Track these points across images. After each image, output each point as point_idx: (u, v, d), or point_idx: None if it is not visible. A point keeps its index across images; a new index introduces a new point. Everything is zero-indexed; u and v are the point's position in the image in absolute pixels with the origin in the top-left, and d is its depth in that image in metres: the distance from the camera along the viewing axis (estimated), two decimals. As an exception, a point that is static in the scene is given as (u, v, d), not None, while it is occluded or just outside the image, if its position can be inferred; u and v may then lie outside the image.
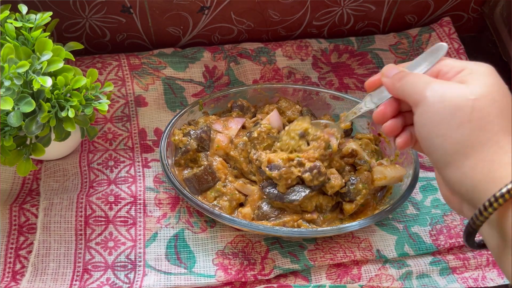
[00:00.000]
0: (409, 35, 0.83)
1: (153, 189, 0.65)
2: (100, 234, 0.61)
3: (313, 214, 0.61)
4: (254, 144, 0.64)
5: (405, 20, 0.84)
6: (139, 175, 0.66)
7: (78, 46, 0.64)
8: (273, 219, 0.61)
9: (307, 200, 0.60)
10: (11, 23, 0.59)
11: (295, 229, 0.59)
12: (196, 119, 0.69)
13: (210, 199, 0.63)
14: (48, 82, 0.55)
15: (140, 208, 0.64)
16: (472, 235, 0.39)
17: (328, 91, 0.72)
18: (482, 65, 0.42)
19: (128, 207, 0.63)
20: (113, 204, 0.63)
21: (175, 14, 0.76)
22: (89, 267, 0.59)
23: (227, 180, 0.63)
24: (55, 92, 0.57)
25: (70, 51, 0.62)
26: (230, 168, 0.65)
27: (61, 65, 0.57)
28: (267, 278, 0.60)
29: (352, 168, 0.64)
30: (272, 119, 0.66)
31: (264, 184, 0.61)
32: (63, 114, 0.57)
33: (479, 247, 0.41)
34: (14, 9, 0.62)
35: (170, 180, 0.61)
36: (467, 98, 0.39)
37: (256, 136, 0.64)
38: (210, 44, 0.82)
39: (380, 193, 0.65)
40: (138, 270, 0.59)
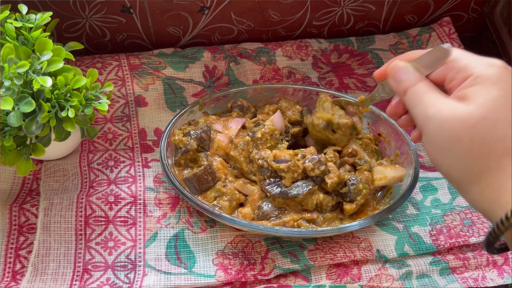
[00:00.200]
0: (409, 35, 0.83)
1: (153, 189, 0.65)
2: (100, 234, 0.61)
3: (313, 214, 0.61)
4: (257, 144, 0.64)
5: (405, 20, 0.84)
6: (139, 175, 0.66)
7: (78, 46, 0.64)
8: (273, 219, 0.61)
9: (309, 197, 0.60)
10: (11, 23, 0.59)
11: (295, 229, 0.59)
12: (196, 119, 0.69)
13: (210, 199, 0.63)
14: (48, 82, 0.55)
15: (140, 208, 0.64)
16: (491, 246, 0.40)
17: (328, 91, 0.72)
18: (490, 67, 0.40)
19: (128, 207, 0.63)
20: (113, 204, 0.63)
21: (175, 14, 0.76)
22: (89, 267, 0.59)
23: (227, 180, 0.63)
24: (55, 92, 0.57)
25: (70, 51, 0.62)
26: (230, 168, 0.65)
27: (61, 65, 0.57)
28: (267, 278, 0.60)
29: (352, 168, 0.64)
30: (276, 121, 0.66)
31: (267, 182, 0.61)
32: (63, 114, 0.57)
33: (501, 251, 0.41)
34: (14, 9, 0.62)
35: (170, 180, 0.61)
36: (465, 127, 0.38)
37: (260, 137, 0.64)
38: (210, 44, 0.82)
39: (380, 193, 0.65)
40: (138, 270, 0.59)
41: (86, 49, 0.80)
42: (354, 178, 0.61)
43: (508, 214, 0.36)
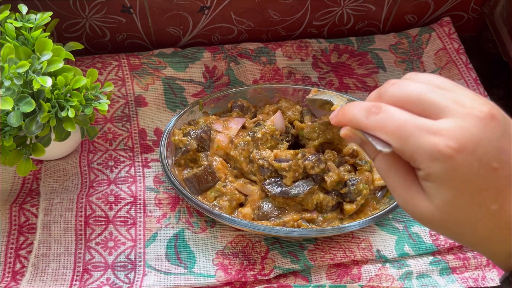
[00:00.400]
0: (409, 35, 0.83)
1: (153, 189, 0.65)
2: (100, 234, 0.61)
3: (313, 214, 0.61)
4: (257, 145, 0.64)
5: (405, 20, 0.84)
6: (139, 175, 0.66)
7: (78, 46, 0.64)
8: (273, 219, 0.61)
9: (309, 196, 0.60)
10: (11, 23, 0.59)
11: (295, 229, 0.59)
12: (196, 119, 0.69)
13: (210, 199, 0.63)
14: (48, 82, 0.55)
15: (140, 208, 0.64)
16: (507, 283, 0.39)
17: (328, 91, 0.71)
18: (435, 163, 0.35)
19: (128, 207, 0.63)
20: (113, 204, 0.63)
21: (175, 14, 0.76)
22: (89, 267, 0.59)
23: (227, 180, 0.63)
24: (55, 92, 0.57)
25: (70, 51, 0.62)
26: (230, 168, 0.65)
27: (61, 65, 0.57)
28: (267, 278, 0.60)
29: (353, 168, 0.64)
30: (276, 121, 0.66)
31: (267, 182, 0.61)
32: (63, 114, 0.57)
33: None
34: (14, 9, 0.62)
35: (170, 180, 0.61)
36: (434, 226, 0.38)
37: (260, 137, 0.64)
38: (210, 44, 0.82)
39: (380, 193, 0.65)
40: (138, 270, 0.59)
41: (86, 49, 0.80)
42: (354, 179, 0.61)
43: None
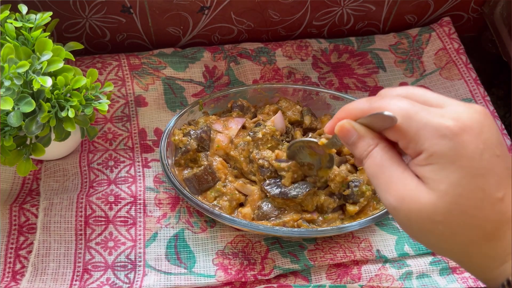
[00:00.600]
0: (409, 35, 0.83)
1: (153, 189, 0.65)
2: (100, 234, 0.61)
3: (313, 214, 0.61)
4: (258, 145, 0.64)
5: (405, 20, 0.84)
6: (139, 175, 0.66)
7: (78, 46, 0.64)
8: (273, 219, 0.61)
9: (309, 198, 0.60)
10: (11, 23, 0.59)
11: (295, 229, 0.59)
12: (196, 119, 0.69)
13: (210, 199, 0.63)
14: (48, 82, 0.55)
15: (140, 208, 0.64)
16: None
17: (328, 91, 0.72)
18: (443, 139, 0.34)
19: (128, 207, 0.63)
20: (113, 204, 0.63)
21: (175, 14, 0.76)
22: (89, 267, 0.59)
23: (227, 180, 0.63)
24: (55, 92, 0.57)
25: (70, 51, 0.62)
26: (230, 168, 0.65)
27: (61, 65, 0.57)
28: (267, 278, 0.60)
29: (353, 168, 0.64)
30: (277, 121, 0.66)
31: (267, 183, 0.61)
32: (63, 114, 0.57)
33: None
34: (14, 9, 0.62)
35: (170, 180, 0.61)
36: (433, 222, 0.35)
37: (261, 137, 0.64)
38: (210, 44, 0.82)
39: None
40: (138, 270, 0.59)
41: (86, 49, 0.80)
42: (357, 180, 0.61)
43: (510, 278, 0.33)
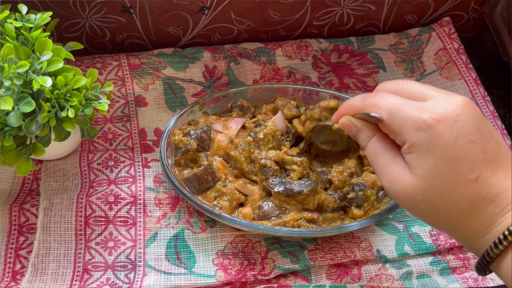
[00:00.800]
0: (409, 35, 0.83)
1: (153, 189, 0.65)
2: (100, 234, 0.61)
3: (314, 214, 0.61)
4: (259, 145, 0.64)
5: (405, 20, 0.84)
6: (139, 175, 0.66)
7: (78, 46, 0.64)
8: (274, 219, 0.61)
9: (312, 195, 0.60)
10: (11, 23, 0.59)
11: (295, 229, 0.59)
12: (196, 119, 0.69)
13: (210, 199, 0.63)
14: (48, 82, 0.55)
15: (140, 208, 0.64)
16: (482, 271, 0.42)
17: (328, 91, 0.72)
18: (419, 131, 0.39)
19: (128, 207, 0.63)
20: (113, 204, 0.63)
21: (175, 14, 0.76)
22: (89, 267, 0.59)
23: (227, 180, 0.63)
24: (55, 92, 0.57)
25: (70, 51, 0.62)
26: (230, 168, 0.65)
27: (61, 65, 0.57)
28: (267, 278, 0.60)
29: (359, 162, 0.64)
30: (277, 121, 0.66)
31: (271, 180, 0.61)
32: (63, 114, 0.57)
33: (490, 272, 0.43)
34: (14, 9, 0.62)
35: (170, 180, 0.61)
36: (416, 200, 0.40)
37: (262, 138, 0.64)
38: (210, 44, 0.82)
39: (382, 193, 0.65)
40: (138, 270, 0.59)
41: (86, 49, 0.80)
42: (362, 184, 0.61)
43: (501, 236, 0.38)
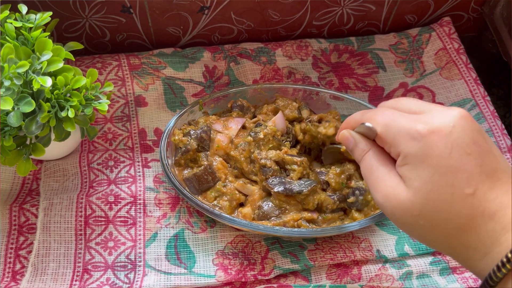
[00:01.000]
0: (409, 35, 0.83)
1: (153, 189, 0.65)
2: (100, 234, 0.61)
3: (313, 214, 0.61)
4: (259, 145, 0.64)
5: (405, 20, 0.84)
6: (139, 175, 0.66)
7: (78, 46, 0.64)
8: (274, 219, 0.61)
9: (311, 195, 0.60)
10: (11, 23, 0.59)
11: (295, 229, 0.59)
12: (196, 119, 0.69)
13: (210, 199, 0.63)
14: (48, 82, 0.55)
15: (140, 208, 0.64)
16: None
17: (328, 91, 0.72)
18: (413, 142, 0.39)
19: (128, 207, 0.63)
20: (113, 204, 0.63)
21: (175, 14, 0.76)
22: (89, 267, 0.59)
23: (227, 180, 0.63)
24: (55, 92, 0.57)
25: (70, 51, 0.62)
26: (230, 168, 0.65)
27: (61, 65, 0.57)
28: (267, 278, 0.60)
29: (355, 166, 0.63)
30: (278, 122, 0.66)
31: (271, 180, 0.61)
32: (63, 114, 0.57)
33: None
34: (14, 9, 0.62)
35: (170, 180, 0.61)
36: (412, 216, 0.39)
37: (262, 138, 0.64)
38: (210, 44, 0.82)
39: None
40: (138, 270, 0.59)
41: (86, 49, 0.80)
42: (363, 189, 0.61)
43: (500, 264, 0.36)
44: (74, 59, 0.64)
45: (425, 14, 0.83)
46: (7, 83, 0.54)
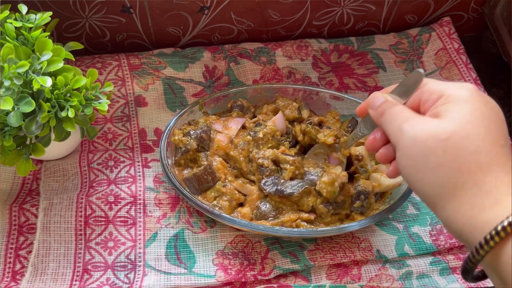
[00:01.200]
0: (409, 35, 0.83)
1: (153, 189, 0.65)
2: (100, 234, 0.61)
3: (310, 215, 0.61)
4: (258, 144, 0.64)
5: (405, 20, 0.84)
6: (139, 175, 0.66)
7: (78, 46, 0.64)
8: (271, 219, 0.61)
9: (304, 197, 0.60)
10: (11, 23, 0.59)
11: (295, 229, 0.59)
12: (196, 119, 0.69)
13: (210, 199, 0.63)
14: (48, 82, 0.55)
15: (140, 208, 0.64)
16: (469, 273, 0.39)
17: (328, 91, 0.72)
18: (461, 89, 0.41)
19: (128, 207, 0.63)
20: (113, 204, 0.63)
21: (175, 14, 0.76)
22: (89, 267, 0.59)
23: (227, 180, 0.63)
24: (55, 92, 0.57)
25: (70, 51, 0.62)
26: (230, 168, 0.65)
27: (61, 65, 0.57)
28: (267, 278, 0.60)
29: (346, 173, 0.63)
30: (278, 122, 0.66)
31: (264, 180, 0.61)
32: (63, 114, 0.57)
33: (477, 280, 0.41)
34: (14, 9, 0.62)
35: (170, 180, 0.61)
36: (439, 139, 0.39)
37: (261, 137, 0.64)
38: (210, 44, 0.82)
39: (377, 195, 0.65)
40: (138, 270, 0.59)
41: (86, 49, 0.80)
42: (366, 192, 0.61)
43: (487, 237, 0.35)
44: (74, 59, 0.64)
45: (425, 14, 0.83)
46: (7, 83, 0.54)
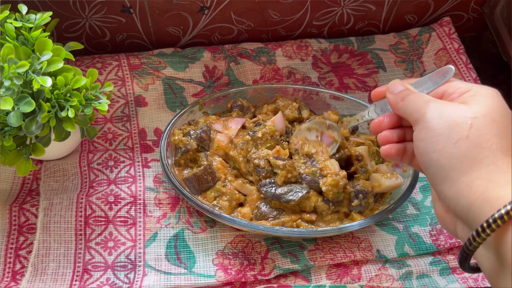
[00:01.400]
0: (409, 35, 0.83)
1: (153, 189, 0.65)
2: (100, 234, 0.61)
3: (312, 215, 0.61)
4: (257, 144, 0.64)
5: (405, 20, 0.84)
6: (139, 175, 0.66)
7: (78, 46, 0.64)
8: (272, 219, 0.61)
9: (305, 200, 0.60)
10: (11, 23, 0.59)
11: (295, 229, 0.59)
12: (196, 119, 0.69)
13: (210, 199, 0.63)
14: (48, 82, 0.55)
15: (140, 208, 0.64)
16: (467, 259, 0.38)
17: (328, 91, 0.72)
18: (488, 88, 0.43)
19: (128, 207, 0.63)
20: (113, 204, 0.63)
21: (175, 14, 0.76)
22: (89, 267, 0.59)
23: (227, 180, 0.63)
24: (55, 92, 0.57)
25: (70, 51, 0.62)
26: (230, 168, 0.65)
27: (61, 65, 0.57)
28: (267, 278, 0.60)
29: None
30: (277, 122, 0.66)
31: (262, 183, 0.61)
32: (63, 114, 0.57)
33: (474, 271, 0.40)
34: (14, 9, 0.62)
35: (170, 180, 0.61)
36: (466, 116, 0.40)
37: (260, 136, 0.64)
38: (210, 44, 0.82)
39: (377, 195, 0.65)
40: (138, 270, 0.59)
41: (86, 49, 0.80)
42: (365, 191, 0.61)
43: (508, 208, 0.34)
44: (74, 59, 0.64)
45: (425, 14, 0.83)
46: (7, 83, 0.54)
